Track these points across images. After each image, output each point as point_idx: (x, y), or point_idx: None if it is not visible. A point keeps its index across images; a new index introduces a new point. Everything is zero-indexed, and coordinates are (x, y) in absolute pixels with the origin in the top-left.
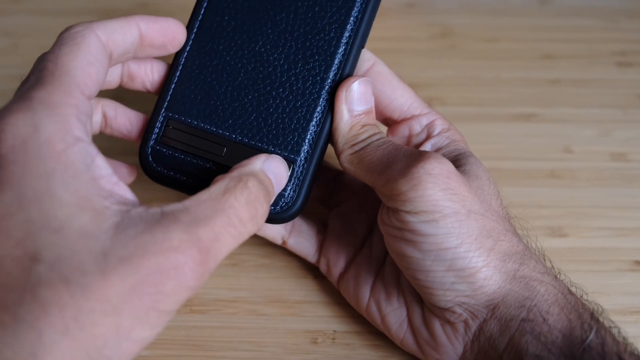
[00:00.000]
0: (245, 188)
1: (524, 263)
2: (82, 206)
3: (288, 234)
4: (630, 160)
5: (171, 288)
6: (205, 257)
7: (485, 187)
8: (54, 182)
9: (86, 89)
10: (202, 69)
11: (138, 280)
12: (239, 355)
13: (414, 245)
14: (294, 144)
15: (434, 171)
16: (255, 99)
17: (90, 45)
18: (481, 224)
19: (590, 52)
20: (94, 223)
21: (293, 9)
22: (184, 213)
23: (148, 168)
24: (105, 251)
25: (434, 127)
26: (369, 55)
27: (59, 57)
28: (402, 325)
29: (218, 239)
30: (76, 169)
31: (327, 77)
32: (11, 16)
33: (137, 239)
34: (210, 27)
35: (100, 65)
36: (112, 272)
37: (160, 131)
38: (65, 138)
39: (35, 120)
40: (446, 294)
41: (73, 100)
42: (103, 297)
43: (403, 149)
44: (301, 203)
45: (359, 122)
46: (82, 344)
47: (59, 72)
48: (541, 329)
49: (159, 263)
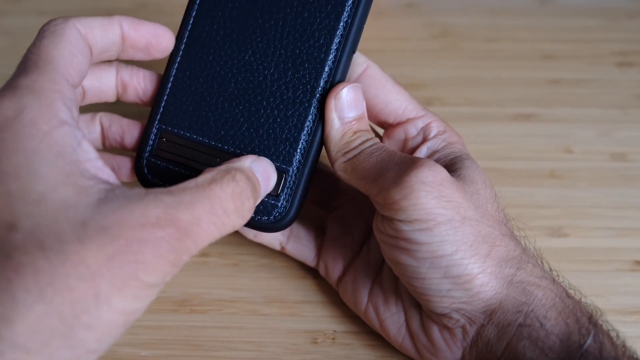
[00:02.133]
0: (233, 180)
1: (521, 267)
2: (65, 182)
3: (286, 240)
4: (630, 160)
5: (150, 257)
6: (184, 236)
7: (481, 191)
8: (35, 159)
9: (70, 77)
10: (193, 80)
11: (116, 249)
12: (239, 355)
13: (408, 253)
14: (286, 154)
15: (427, 179)
16: (246, 109)
17: (71, 37)
18: (476, 230)
19: (590, 52)
20: (77, 196)
21: (282, 16)
22: (167, 195)
23: (144, 180)
24: (84, 221)
25: (430, 129)
26: (362, 59)
27: (41, 48)
28: (401, 329)
29: (199, 224)
30: (61, 149)
31: (317, 85)
32: (11, 16)
33: (117, 212)
34: (199, 36)
35: (82, 56)
36: (90, 241)
37: (155, 143)
38: (51, 120)
39: (20, 104)
40: (443, 300)
41: (57, 86)
42: (80, 263)
43: (396, 156)
44: (294, 212)
45: (351, 129)
46: (57, 309)
47: (42, 62)
48: (538, 334)
49: (137, 234)
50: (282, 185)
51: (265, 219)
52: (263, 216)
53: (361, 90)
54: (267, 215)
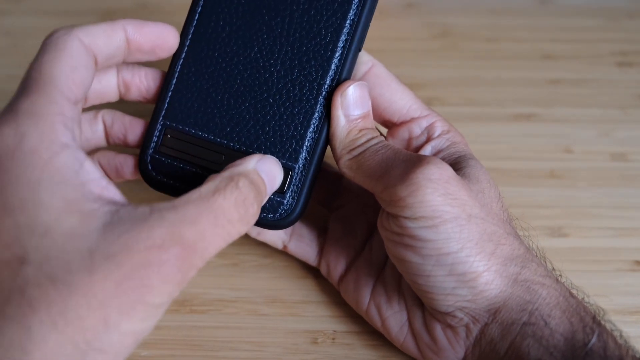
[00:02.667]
0: (236, 188)
1: (525, 266)
2: (70, 210)
3: (289, 239)
4: (630, 160)
5: (156, 282)
6: (190, 254)
7: (486, 190)
8: (39, 190)
9: (71, 94)
10: (199, 76)
11: (122, 276)
12: (239, 355)
13: (413, 250)
14: (292, 151)
15: (433, 176)
16: (252, 106)
17: (73, 50)
18: (482, 228)
19: (590, 52)
20: (82, 224)
21: (288, 13)
22: (171, 211)
23: (148, 176)
24: (91, 250)
25: (434, 129)
26: (367, 58)
27: (42, 64)
28: (403, 328)
29: (204, 238)
30: (63, 175)
31: (323, 83)
32: (11, 16)
33: (122, 237)
34: (205, 33)
35: (85, 69)
36: (97, 269)
37: (159, 140)
38: (51, 146)
39: (20, 131)
40: (447, 298)
41: (57, 108)
42: (89, 293)
43: (402, 154)
44: (300, 210)
45: (356, 127)
46: (70, 338)
47: (42, 81)
48: (543, 333)
49: (142, 259)
50: (289, 183)
51: (271, 216)
52: (269, 213)
53: (367, 89)
54: (273, 212)
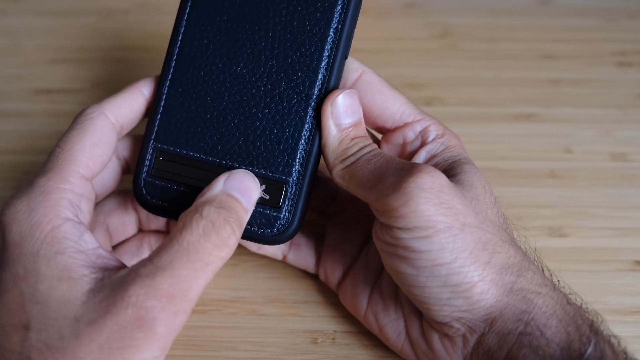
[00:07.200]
0: (200, 218)
1: (521, 275)
2: (62, 277)
3: (287, 249)
4: (630, 160)
5: (139, 340)
6: (168, 302)
7: (481, 196)
8: (38, 260)
9: (87, 171)
10: (186, 97)
11: (104, 339)
12: (239, 355)
13: (407, 261)
14: (285, 165)
15: (426, 185)
16: (241, 123)
17: (97, 128)
18: (476, 237)
19: (590, 52)
20: (70, 290)
21: (271, 26)
22: (147, 265)
23: (143, 201)
24: (77, 317)
25: (428, 133)
26: (357, 65)
27: (66, 141)
28: (400, 336)
29: (180, 280)
30: (62, 245)
31: (311, 93)
32: (11, 16)
33: (102, 303)
34: (189, 53)
35: (106, 145)
36: (82, 335)
37: (151, 163)
38: (54, 220)
39: (30, 206)
40: (443, 309)
41: (68, 186)
42: (77, 357)
43: (394, 162)
44: (297, 223)
45: (348, 136)
46: None
47: (62, 158)
48: (539, 343)
49: (120, 321)
50: (284, 197)
51: (269, 232)
52: (266, 229)
53: (357, 96)
54: (270, 227)
